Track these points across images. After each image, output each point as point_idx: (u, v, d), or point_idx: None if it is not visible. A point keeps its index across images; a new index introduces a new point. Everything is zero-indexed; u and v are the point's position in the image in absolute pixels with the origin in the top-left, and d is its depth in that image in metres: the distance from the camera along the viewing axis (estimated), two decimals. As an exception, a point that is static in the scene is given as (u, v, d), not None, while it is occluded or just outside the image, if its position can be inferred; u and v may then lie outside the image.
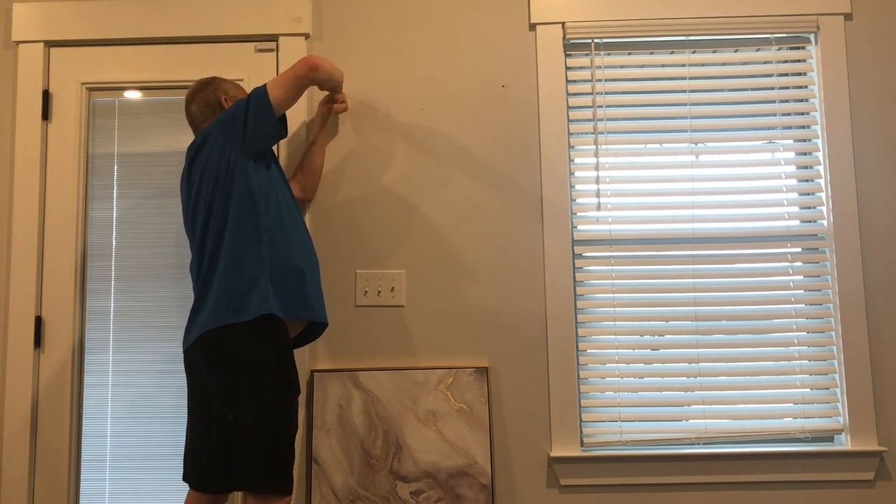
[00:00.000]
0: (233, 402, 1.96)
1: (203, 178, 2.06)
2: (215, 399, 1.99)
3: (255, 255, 2.02)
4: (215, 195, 2.05)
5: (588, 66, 2.63)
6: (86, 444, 2.53)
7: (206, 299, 2.02)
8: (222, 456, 1.95)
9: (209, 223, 2.05)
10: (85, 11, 2.64)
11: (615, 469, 2.46)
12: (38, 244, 2.56)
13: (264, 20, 2.62)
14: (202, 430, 2.05)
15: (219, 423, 1.96)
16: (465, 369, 2.48)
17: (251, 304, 1.99)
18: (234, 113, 2.08)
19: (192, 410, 2.10)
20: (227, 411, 1.95)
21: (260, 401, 1.96)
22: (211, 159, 2.06)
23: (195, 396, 2.09)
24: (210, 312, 2.00)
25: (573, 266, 2.55)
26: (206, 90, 2.23)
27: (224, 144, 2.06)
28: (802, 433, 2.49)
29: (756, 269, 2.57)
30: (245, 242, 2.02)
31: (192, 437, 2.09)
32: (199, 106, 2.22)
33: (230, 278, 2.00)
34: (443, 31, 2.65)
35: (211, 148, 2.07)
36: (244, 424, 1.94)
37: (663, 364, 2.54)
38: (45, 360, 2.54)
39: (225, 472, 1.95)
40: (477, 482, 2.42)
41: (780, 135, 2.62)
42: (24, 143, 2.59)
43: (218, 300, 2.00)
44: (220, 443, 1.96)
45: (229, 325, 1.98)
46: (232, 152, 2.05)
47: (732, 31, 2.62)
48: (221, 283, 2.01)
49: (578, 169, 2.62)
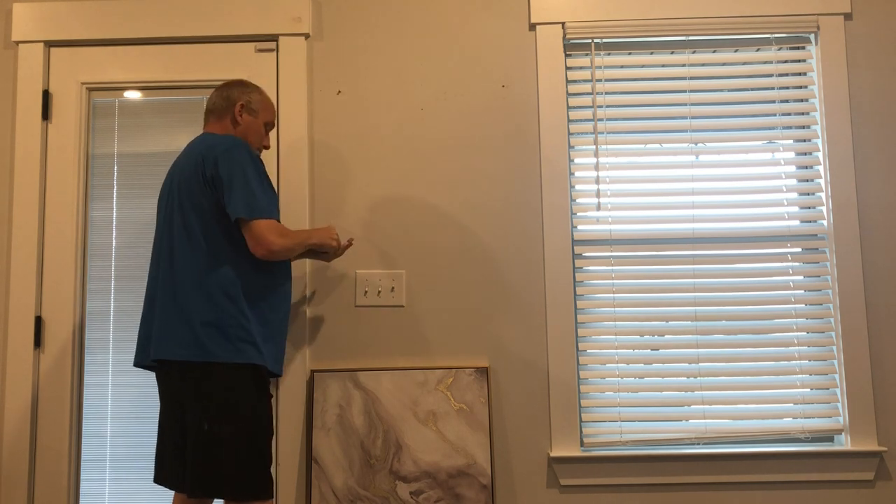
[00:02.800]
0: (208, 412, 1.96)
1: (188, 200, 2.05)
2: (190, 408, 2.00)
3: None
4: (196, 215, 2.05)
5: (588, 66, 2.63)
6: (86, 444, 2.53)
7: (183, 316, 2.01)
8: (199, 464, 1.95)
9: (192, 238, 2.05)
10: (85, 11, 2.64)
11: (615, 469, 2.46)
12: (38, 244, 2.56)
13: (264, 20, 2.62)
14: (176, 435, 2.05)
15: (194, 432, 1.96)
16: (465, 369, 2.48)
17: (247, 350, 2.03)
18: (240, 163, 2.03)
19: (165, 415, 2.10)
20: (203, 420, 1.95)
21: (237, 411, 1.98)
22: (201, 178, 2.05)
23: (168, 403, 2.09)
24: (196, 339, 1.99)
25: (573, 266, 2.55)
26: (233, 88, 2.21)
27: (219, 173, 2.02)
28: (802, 433, 2.49)
29: (756, 269, 2.57)
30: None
31: (165, 442, 2.09)
32: (219, 97, 2.20)
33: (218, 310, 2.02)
34: (443, 31, 2.64)
35: (209, 185, 2.04)
36: (221, 433, 1.94)
37: (663, 364, 2.54)
38: (45, 360, 2.54)
39: (203, 479, 1.95)
40: (477, 482, 2.42)
41: (780, 135, 2.62)
42: (24, 143, 2.59)
43: (207, 332, 1.99)
44: (197, 451, 1.96)
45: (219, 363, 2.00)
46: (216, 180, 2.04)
47: (732, 31, 2.62)
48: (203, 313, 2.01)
49: (578, 169, 2.62)
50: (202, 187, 2.03)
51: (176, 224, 2.06)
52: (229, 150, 2.04)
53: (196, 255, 2.02)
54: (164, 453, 2.10)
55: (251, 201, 2.00)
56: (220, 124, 2.19)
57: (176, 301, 2.01)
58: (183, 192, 2.06)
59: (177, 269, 2.03)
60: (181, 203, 2.06)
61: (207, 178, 2.02)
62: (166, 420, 2.10)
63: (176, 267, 2.03)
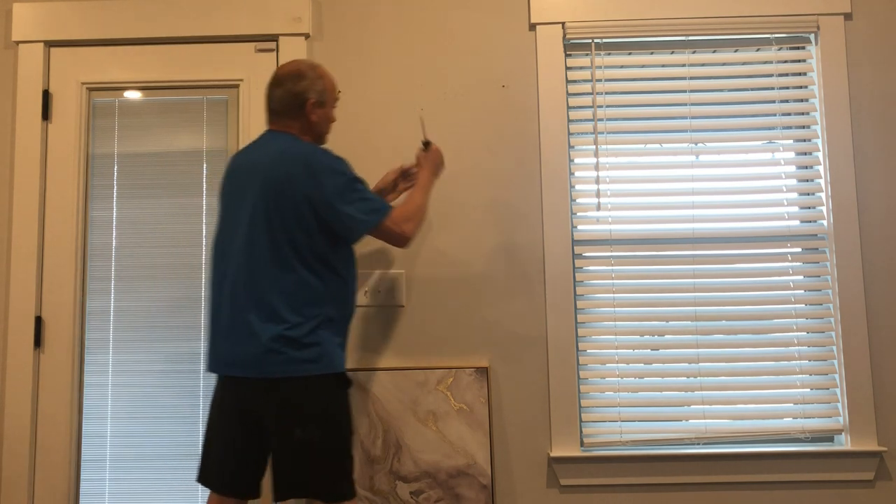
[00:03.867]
0: (298, 420, 1.93)
1: (287, 210, 1.98)
2: (274, 418, 1.95)
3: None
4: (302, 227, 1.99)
5: (588, 66, 2.63)
6: (86, 444, 2.53)
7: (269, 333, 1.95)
8: (291, 469, 1.93)
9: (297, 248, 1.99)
10: (85, 11, 2.64)
11: (615, 469, 2.46)
12: (38, 244, 2.56)
13: (264, 20, 2.62)
14: (252, 442, 2.00)
15: (282, 439, 1.94)
16: (465, 369, 2.48)
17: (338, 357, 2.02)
18: (345, 183, 2.01)
19: (229, 423, 2.02)
20: (294, 427, 1.92)
21: (326, 416, 1.97)
22: (302, 198, 1.98)
23: (236, 412, 2.01)
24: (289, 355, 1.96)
25: (573, 266, 2.55)
26: (298, 82, 2.10)
27: (319, 194, 1.98)
28: (802, 433, 2.49)
29: (756, 269, 2.57)
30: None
31: (230, 447, 2.02)
32: (287, 94, 2.09)
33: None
34: (443, 31, 2.65)
35: (310, 191, 1.98)
36: (313, 438, 1.92)
37: (663, 364, 2.54)
38: (45, 360, 2.54)
39: (296, 484, 1.93)
40: (477, 482, 2.42)
41: (780, 135, 2.62)
42: (24, 143, 2.59)
43: (293, 347, 1.95)
44: (286, 457, 1.94)
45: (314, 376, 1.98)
46: (321, 203, 1.99)
47: (732, 31, 2.62)
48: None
49: (578, 169, 2.62)
50: (297, 202, 1.97)
51: (259, 234, 1.99)
52: (330, 168, 2.00)
53: (282, 270, 1.96)
54: (217, 458, 2.03)
55: (367, 207, 2.01)
56: (297, 123, 2.11)
57: (260, 315, 1.95)
58: (272, 203, 1.98)
59: (258, 279, 1.97)
60: (269, 214, 1.98)
61: (307, 194, 1.98)
62: (229, 428, 2.02)
63: (257, 277, 1.97)
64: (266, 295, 1.96)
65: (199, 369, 2.55)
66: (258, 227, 1.99)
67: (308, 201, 1.98)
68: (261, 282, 1.97)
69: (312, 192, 1.98)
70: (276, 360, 1.93)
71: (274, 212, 1.98)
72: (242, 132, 2.60)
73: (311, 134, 2.13)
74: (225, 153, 2.62)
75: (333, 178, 2.00)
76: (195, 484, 2.49)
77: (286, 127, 2.12)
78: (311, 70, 2.13)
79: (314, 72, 2.13)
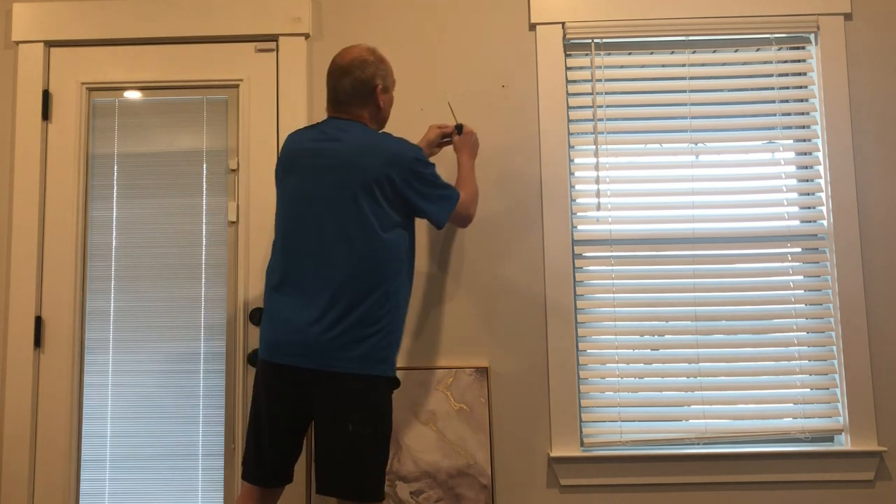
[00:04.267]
0: (352, 416, 1.94)
1: (370, 202, 2.00)
2: (328, 412, 1.96)
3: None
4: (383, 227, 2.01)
5: (588, 66, 2.63)
6: (86, 444, 2.53)
7: (351, 329, 1.96)
8: (338, 465, 1.94)
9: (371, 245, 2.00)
10: (85, 11, 2.64)
11: (615, 469, 2.46)
12: (38, 244, 2.56)
13: (264, 20, 2.62)
14: (288, 433, 2.03)
15: (335, 431, 1.94)
16: (465, 369, 2.48)
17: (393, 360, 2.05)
18: (427, 180, 2.07)
19: (275, 413, 2.02)
20: (348, 420, 1.93)
21: (378, 416, 1.98)
22: (385, 193, 2.01)
23: (286, 402, 2.01)
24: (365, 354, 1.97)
25: (573, 266, 2.55)
26: (364, 69, 2.09)
27: (404, 191, 2.03)
28: (802, 433, 2.49)
29: (756, 269, 2.57)
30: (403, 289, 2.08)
31: (271, 438, 2.03)
32: (353, 84, 2.08)
33: (392, 326, 2.02)
34: (443, 31, 2.64)
35: (390, 183, 2.02)
36: (364, 435, 1.93)
37: (663, 364, 2.54)
38: (45, 360, 2.54)
39: (341, 481, 1.93)
40: (477, 482, 2.42)
41: (780, 135, 2.62)
42: (24, 143, 2.59)
43: (374, 345, 1.97)
44: (334, 453, 1.94)
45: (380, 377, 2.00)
46: (404, 200, 2.05)
47: (732, 31, 2.62)
48: (379, 325, 1.99)
49: (578, 169, 2.62)
50: (387, 195, 2.01)
51: (341, 223, 1.99)
52: (417, 160, 2.05)
53: (368, 264, 1.98)
54: (262, 448, 2.04)
55: (447, 195, 2.12)
56: (366, 111, 2.12)
57: (339, 309, 1.96)
58: (361, 193, 1.99)
59: (337, 269, 1.97)
60: (359, 205, 1.99)
61: (397, 190, 2.02)
62: (274, 418, 2.02)
63: (337, 267, 1.97)
64: (340, 289, 1.96)
65: (199, 369, 2.55)
66: (339, 216, 1.99)
67: (394, 195, 2.02)
68: (335, 275, 1.97)
69: (400, 188, 2.02)
70: (344, 355, 1.95)
71: (354, 202, 1.98)
72: (242, 132, 2.60)
73: (377, 120, 2.16)
74: (225, 153, 2.62)
75: (419, 173, 2.05)
76: (195, 484, 2.50)
77: (356, 116, 2.11)
78: (372, 55, 2.13)
79: (375, 56, 2.13)
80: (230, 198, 2.60)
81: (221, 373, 2.53)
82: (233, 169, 2.60)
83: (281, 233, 2.07)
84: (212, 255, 2.59)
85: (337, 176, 2.00)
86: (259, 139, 2.59)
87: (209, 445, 2.52)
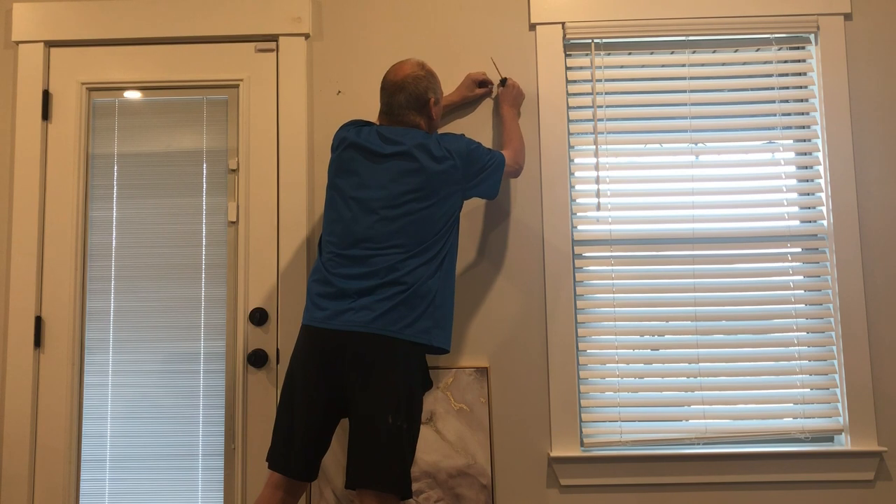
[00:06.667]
0: (395, 404, 1.98)
1: (431, 193, 2.12)
2: (372, 397, 1.99)
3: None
4: (439, 216, 2.13)
5: (588, 66, 2.63)
6: (86, 444, 2.53)
7: (410, 302, 2.05)
8: (372, 455, 1.97)
9: (431, 231, 2.12)
10: (85, 11, 2.64)
11: (615, 469, 2.46)
12: (38, 244, 2.56)
13: (264, 20, 2.62)
14: (327, 421, 2.09)
15: (374, 423, 1.97)
16: (465, 369, 2.48)
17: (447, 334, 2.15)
18: (478, 161, 2.21)
19: (311, 398, 2.06)
20: (388, 413, 1.97)
21: (413, 407, 2.03)
22: (444, 185, 2.13)
23: (322, 385, 2.06)
24: (420, 323, 2.06)
25: (573, 266, 2.55)
26: (418, 84, 2.22)
27: (460, 180, 2.17)
28: (802, 433, 2.49)
29: (756, 269, 2.57)
30: (451, 276, 2.18)
31: (311, 427, 2.07)
32: (408, 98, 2.21)
33: (443, 304, 2.12)
34: (443, 31, 2.64)
35: (449, 174, 2.15)
36: (403, 428, 1.97)
37: (663, 364, 2.54)
38: (45, 360, 2.54)
39: (376, 474, 1.96)
40: (477, 482, 2.42)
41: (780, 135, 2.62)
42: (24, 143, 2.59)
43: (430, 317, 2.08)
44: (372, 442, 1.97)
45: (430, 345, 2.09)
46: (459, 192, 2.18)
47: (732, 31, 2.62)
48: (435, 301, 2.09)
49: (578, 169, 2.62)
50: (456, 190, 2.16)
51: (419, 213, 2.10)
52: (476, 149, 2.22)
53: (439, 254, 2.12)
54: (294, 438, 2.08)
55: (495, 165, 2.25)
56: (421, 118, 2.23)
57: (403, 291, 2.05)
58: (440, 193, 2.12)
59: (391, 272, 2.06)
60: (436, 202, 2.12)
61: (459, 186, 2.17)
62: (310, 407, 2.06)
63: (390, 270, 2.06)
64: (392, 289, 2.05)
65: (199, 369, 2.55)
66: (401, 210, 2.10)
67: (455, 192, 2.16)
68: (390, 273, 2.05)
69: (462, 183, 2.17)
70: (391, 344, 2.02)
71: (443, 200, 2.13)
72: (242, 132, 2.60)
73: (430, 129, 2.29)
74: (225, 153, 2.62)
75: (479, 153, 2.22)
76: (195, 484, 2.50)
77: (412, 120, 2.23)
78: (423, 69, 2.25)
79: (425, 70, 2.25)
80: (230, 198, 2.60)
81: (221, 373, 2.53)
82: (233, 169, 2.60)
83: (338, 223, 2.17)
84: (212, 255, 2.59)
85: (414, 173, 2.12)
86: (259, 139, 2.59)
87: (209, 445, 2.52)
